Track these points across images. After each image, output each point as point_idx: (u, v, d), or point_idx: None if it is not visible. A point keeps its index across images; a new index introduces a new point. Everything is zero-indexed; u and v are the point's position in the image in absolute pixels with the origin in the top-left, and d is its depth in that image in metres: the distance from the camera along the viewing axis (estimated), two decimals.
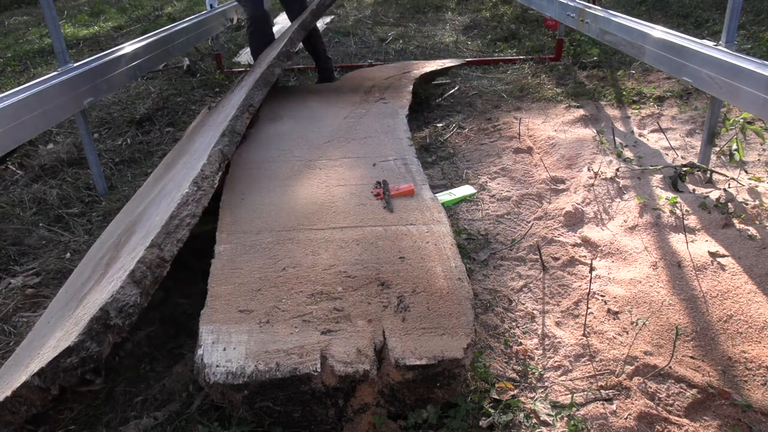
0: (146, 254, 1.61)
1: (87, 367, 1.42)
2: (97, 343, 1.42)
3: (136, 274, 1.56)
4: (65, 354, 1.40)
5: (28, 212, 2.87)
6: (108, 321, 1.45)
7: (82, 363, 1.41)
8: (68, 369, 1.40)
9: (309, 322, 1.63)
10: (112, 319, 1.45)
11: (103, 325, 1.44)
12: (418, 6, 7.27)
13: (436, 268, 1.84)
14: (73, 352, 1.40)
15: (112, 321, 1.45)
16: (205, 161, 2.08)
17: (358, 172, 2.53)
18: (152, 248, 1.64)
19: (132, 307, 1.50)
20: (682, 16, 5.62)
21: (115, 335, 1.45)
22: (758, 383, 1.68)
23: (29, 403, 1.44)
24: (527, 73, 4.60)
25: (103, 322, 1.44)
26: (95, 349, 1.41)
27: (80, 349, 1.41)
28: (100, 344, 1.42)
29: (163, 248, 1.66)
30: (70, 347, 1.40)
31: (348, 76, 4.28)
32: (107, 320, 1.44)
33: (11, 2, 9.90)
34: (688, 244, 2.24)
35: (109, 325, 1.44)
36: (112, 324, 1.45)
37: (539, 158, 3.15)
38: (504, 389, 1.70)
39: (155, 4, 8.35)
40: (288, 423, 1.53)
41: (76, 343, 1.40)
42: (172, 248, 1.68)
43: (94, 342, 1.42)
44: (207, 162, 2.09)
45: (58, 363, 1.40)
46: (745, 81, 2.33)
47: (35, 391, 1.42)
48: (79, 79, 2.80)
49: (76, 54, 5.83)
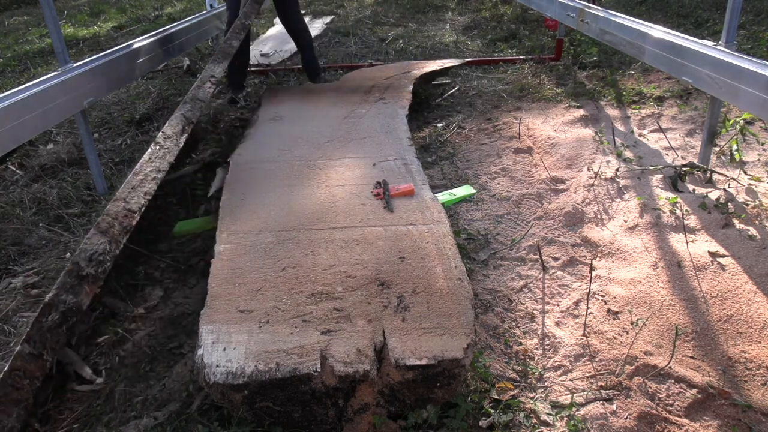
0: (111, 207, 1.64)
1: (70, 321, 1.41)
2: (74, 294, 1.42)
3: (101, 224, 1.58)
4: (44, 312, 1.39)
5: (28, 212, 2.87)
6: (80, 272, 1.45)
7: (63, 318, 1.40)
8: (53, 328, 1.39)
9: (309, 322, 1.63)
10: (83, 270, 1.45)
11: (75, 276, 1.44)
12: (418, 6, 7.27)
13: (436, 268, 1.84)
14: (52, 309, 1.40)
15: (84, 271, 1.45)
16: (167, 124, 2.13)
17: (358, 172, 2.53)
18: (117, 201, 1.67)
19: (101, 254, 1.50)
20: (682, 16, 5.62)
21: (91, 285, 1.45)
22: (758, 383, 1.68)
23: (29, 375, 1.43)
24: (527, 73, 4.60)
25: (76, 273, 1.44)
26: (72, 300, 1.41)
27: (58, 303, 1.40)
28: (76, 295, 1.42)
29: (129, 200, 1.68)
30: (48, 303, 1.40)
31: (348, 76, 4.27)
32: (79, 271, 1.44)
33: (11, 2, 9.89)
34: (688, 244, 2.24)
35: (81, 275, 1.44)
36: (85, 274, 1.45)
37: (539, 158, 3.15)
38: (504, 389, 1.70)
39: (155, 4, 8.35)
40: (288, 423, 1.53)
41: (52, 298, 1.40)
42: (138, 200, 1.71)
43: (70, 294, 1.42)
44: (169, 125, 2.14)
45: (40, 324, 1.39)
46: (745, 81, 2.33)
47: (29, 359, 1.41)
48: (79, 79, 2.80)
49: (76, 54, 5.82)
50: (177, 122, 2.19)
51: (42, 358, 1.42)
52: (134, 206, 1.68)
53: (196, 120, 2.33)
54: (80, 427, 1.66)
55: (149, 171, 1.84)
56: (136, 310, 2.13)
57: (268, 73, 4.95)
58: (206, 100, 2.52)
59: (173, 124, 2.17)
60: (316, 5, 7.62)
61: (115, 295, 2.20)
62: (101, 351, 1.94)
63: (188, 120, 2.26)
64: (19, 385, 1.43)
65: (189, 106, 2.36)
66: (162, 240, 2.58)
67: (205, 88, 2.59)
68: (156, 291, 2.23)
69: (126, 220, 1.63)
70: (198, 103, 2.45)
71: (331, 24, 6.69)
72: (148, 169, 1.84)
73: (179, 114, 2.26)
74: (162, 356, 1.92)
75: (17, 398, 1.43)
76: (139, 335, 2.01)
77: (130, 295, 2.21)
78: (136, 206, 1.68)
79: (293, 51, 5.53)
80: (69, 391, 1.78)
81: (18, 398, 1.43)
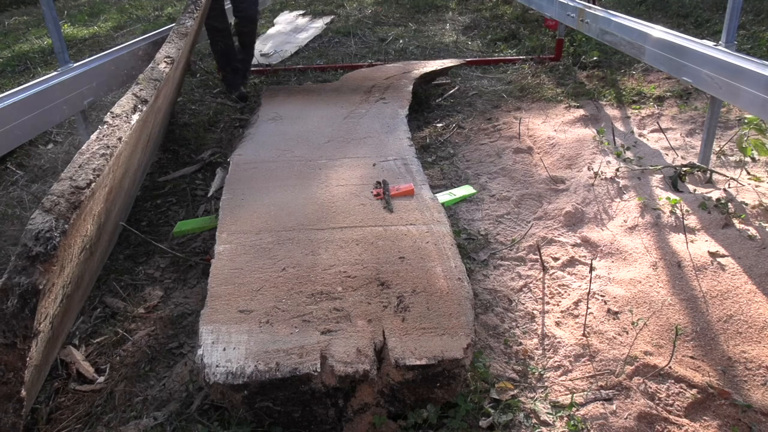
0: (56, 186, 1.63)
1: (32, 303, 1.39)
2: (27, 275, 1.40)
3: (45, 204, 1.57)
4: (1, 300, 1.38)
5: (28, 212, 2.87)
6: (29, 252, 1.43)
7: (23, 301, 1.39)
8: (16, 313, 1.38)
9: (309, 322, 1.63)
10: (32, 249, 1.43)
11: (26, 258, 1.43)
12: (418, 6, 7.27)
13: (436, 268, 1.84)
14: (8, 293, 1.38)
15: (33, 251, 1.43)
16: (115, 105, 2.12)
17: (358, 172, 2.53)
18: (62, 181, 1.66)
19: (48, 231, 1.48)
20: (682, 16, 5.62)
21: (45, 264, 1.43)
22: (758, 383, 1.68)
23: (10, 366, 1.41)
24: (527, 73, 4.60)
25: (26, 255, 1.43)
26: (26, 281, 1.39)
27: (12, 287, 1.39)
28: (29, 276, 1.40)
29: (75, 178, 1.66)
30: (2, 289, 1.39)
31: (348, 76, 4.27)
32: (28, 252, 1.43)
33: (11, 2, 9.89)
34: (688, 244, 2.24)
35: (31, 255, 1.43)
36: (35, 253, 1.43)
37: (539, 158, 3.15)
38: (504, 389, 1.70)
39: (155, 4, 8.35)
40: (288, 423, 1.53)
41: (5, 283, 1.39)
42: (87, 176, 1.69)
43: (23, 275, 1.40)
44: (117, 105, 2.12)
45: (2, 311, 1.38)
46: (745, 81, 2.33)
47: (3, 351, 1.40)
48: (79, 79, 2.80)
49: (76, 54, 5.82)
50: (126, 101, 2.19)
51: (16, 346, 1.40)
52: (82, 183, 1.66)
53: (152, 99, 2.30)
54: (80, 427, 1.66)
55: (96, 149, 1.82)
56: (136, 310, 2.13)
57: (268, 73, 4.95)
58: (161, 79, 2.49)
59: (122, 103, 2.16)
60: (316, 5, 7.62)
61: (115, 295, 2.21)
62: (101, 351, 1.94)
63: (140, 99, 2.25)
64: (4, 379, 1.42)
65: (141, 86, 2.35)
66: (162, 240, 2.58)
67: (159, 69, 2.59)
68: (156, 291, 2.23)
69: (73, 197, 1.62)
70: (152, 82, 2.43)
71: (331, 24, 6.69)
72: (95, 147, 1.83)
73: (130, 94, 2.26)
74: (162, 356, 1.92)
75: (7, 393, 1.42)
76: (139, 335, 2.01)
77: (130, 295, 2.21)
78: (84, 182, 1.66)
79: (293, 51, 5.54)
80: (69, 391, 1.78)
81: (7, 392, 1.42)
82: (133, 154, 2.28)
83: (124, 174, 2.19)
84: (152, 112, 2.41)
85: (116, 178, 2.02)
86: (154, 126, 2.71)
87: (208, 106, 4.21)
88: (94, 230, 1.86)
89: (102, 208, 1.90)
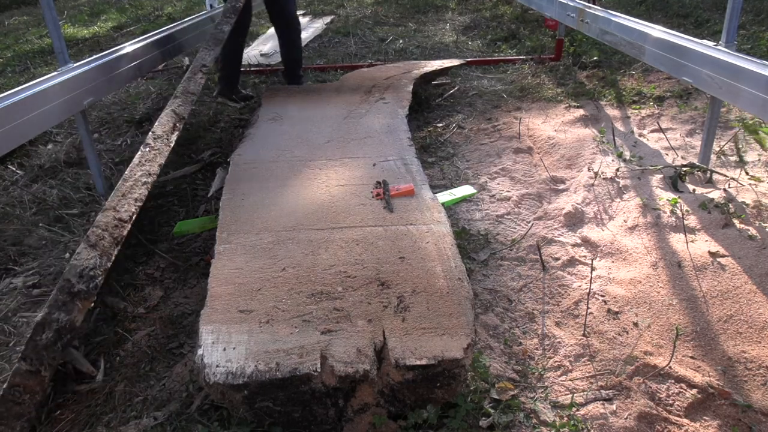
0: (101, 218, 1.60)
1: (64, 338, 1.40)
2: (66, 312, 1.40)
3: (91, 238, 1.54)
4: (38, 331, 1.39)
5: (28, 212, 2.87)
6: (71, 288, 1.43)
7: (58, 336, 1.40)
8: (48, 345, 1.39)
9: (309, 322, 1.63)
10: (74, 286, 1.43)
11: (67, 293, 1.42)
12: (418, 6, 7.27)
13: (436, 268, 1.84)
14: (45, 327, 1.39)
15: (75, 288, 1.43)
16: (157, 123, 2.05)
17: (358, 172, 2.53)
18: (107, 211, 1.62)
19: (92, 269, 1.48)
20: (682, 16, 5.62)
21: (84, 301, 1.44)
22: (758, 383, 1.68)
23: (28, 390, 1.43)
24: (527, 73, 4.60)
25: (67, 290, 1.43)
26: (65, 318, 1.40)
27: (51, 322, 1.40)
28: (68, 313, 1.40)
29: (119, 209, 1.64)
30: (40, 323, 1.39)
31: (348, 76, 4.27)
32: (70, 288, 1.43)
33: (11, 2, 9.89)
34: (688, 244, 2.24)
35: (73, 292, 1.43)
36: (76, 290, 1.43)
37: (539, 158, 3.15)
38: (504, 389, 1.70)
39: (155, 4, 8.35)
40: (288, 423, 1.53)
41: (44, 317, 1.39)
42: (129, 208, 1.66)
43: (62, 312, 1.40)
44: (159, 123, 2.07)
45: (35, 342, 1.39)
46: (745, 81, 2.32)
47: (27, 376, 1.41)
48: (79, 79, 2.80)
49: (76, 54, 5.82)
50: (167, 120, 2.11)
51: (40, 374, 1.42)
52: (125, 215, 1.63)
53: (188, 114, 2.24)
54: (80, 427, 1.66)
55: (139, 176, 1.79)
56: (136, 310, 2.13)
57: (268, 73, 4.95)
58: (198, 92, 2.41)
59: (163, 122, 2.09)
60: (316, 5, 7.62)
61: (115, 295, 2.21)
62: (101, 351, 1.94)
63: (179, 116, 2.17)
64: (20, 400, 1.43)
65: (180, 101, 2.26)
66: (162, 240, 2.58)
67: (196, 79, 2.49)
68: (156, 291, 2.23)
69: (117, 231, 1.60)
70: (189, 96, 2.35)
71: (331, 24, 6.69)
72: (138, 174, 1.79)
73: (169, 110, 2.17)
74: (162, 356, 1.92)
75: (19, 412, 1.44)
76: (139, 335, 2.01)
77: (130, 295, 2.21)
78: (127, 215, 1.64)
79: None
80: (69, 391, 1.78)
81: (20, 412, 1.44)
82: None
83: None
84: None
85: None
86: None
87: (208, 106, 4.21)
88: None
89: None
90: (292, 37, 4.16)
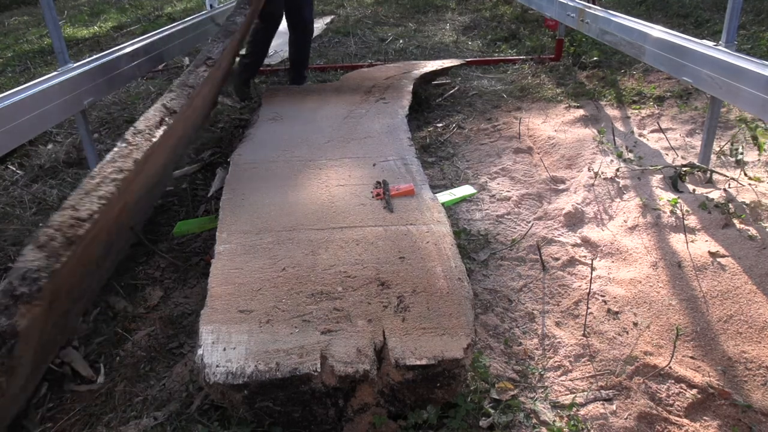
0: (56, 216, 1.50)
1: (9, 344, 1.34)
2: (7, 316, 1.34)
3: (40, 238, 1.46)
4: None
5: (28, 212, 2.87)
6: (13, 292, 1.37)
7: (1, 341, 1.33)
8: None
9: (309, 322, 1.63)
10: (17, 289, 1.37)
11: (9, 296, 1.36)
12: (418, 6, 7.27)
13: (436, 268, 1.84)
14: None
15: (17, 291, 1.37)
16: (141, 117, 1.93)
17: (358, 172, 2.53)
18: (65, 210, 1.51)
19: (36, 271, 1.40)
20: (682, 16, 5.62)
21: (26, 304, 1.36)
22: (758, 383, 1.68)
23: None
24: (527, 73, 4.60)
25: (9, 293, 1.36)
26: (5, 323, 1.33)
27: None
28: (9, 317, 1.34)
29: (78, 208, 1.53)
30: None
31: (348, 76, 4.28)
32: (12, 291, 1.36)
33: (11, 2, 9.89)
34: (688, 244, 2.24)
35: (15, 295, 1.36)
36: (18, 293, 1.37)
37: (539, 158, 3.15)
38: (504, 389, 1.70)
39: (155, 4, 8.35)
40: (288, 423, 1.53)
41: None
42: (90, 206, 1.52)
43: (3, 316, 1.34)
44: (143, 117, 1.94)
45: None
46: (745, 81, 2.32)
47: None
48: (79, 79, 2.80)
49: (76, 54, 5.82)
50: (153, 114, 1.96)
51: None
52: (84, 214, 1.52)
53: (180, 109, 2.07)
54: (80, 427, 1.66)
55: (109, 172, 1.66)
56: (136, 310, 2.13)
57: (268, 73, 4.95)
58: (197, 85, 2.29)
59: (149, 116, 1.93)
60: (316, 5, 7.62)
61: (116, 295, 2.21)
62: (101, 351, 1.94)
63: (169, 110, 2.01)
64: None
65: (173, 94, 2.09)
66: (162, 240, 2.58)
67: (198, 72, 2.34)
68: (156, 291, 2.23)
69: (71, 230, 1.49)
70: (186, 89, 2.17)
71: (331, 24, 6.69)
72: (108, 170, 1.66)
73: (159, 104, 2.03)
74: (162, 356, 1.92)
75: None
76: (139, 335, 2.01)
77: (130, 295, 2.21)
78: (86, 213, 1.52)
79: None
80: (69, 391, 1.78)
81: None
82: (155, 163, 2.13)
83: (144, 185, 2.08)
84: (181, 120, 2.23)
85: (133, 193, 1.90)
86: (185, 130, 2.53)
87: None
88: (102, 248, 1.80)
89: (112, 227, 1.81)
90: (306, 40, 4.19)
